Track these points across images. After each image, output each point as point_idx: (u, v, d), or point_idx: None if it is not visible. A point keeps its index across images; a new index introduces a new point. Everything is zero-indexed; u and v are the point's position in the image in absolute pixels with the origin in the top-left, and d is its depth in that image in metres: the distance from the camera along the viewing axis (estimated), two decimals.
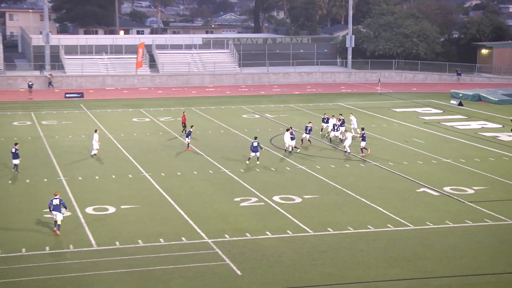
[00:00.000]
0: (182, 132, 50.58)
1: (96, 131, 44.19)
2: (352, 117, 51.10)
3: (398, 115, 61.44)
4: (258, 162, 41.11)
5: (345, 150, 44.41)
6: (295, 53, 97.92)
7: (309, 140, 46.93)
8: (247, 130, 52.87)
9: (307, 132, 46.73)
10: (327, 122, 50.09)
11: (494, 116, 59.71)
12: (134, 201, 33.80)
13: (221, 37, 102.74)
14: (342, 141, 47.58)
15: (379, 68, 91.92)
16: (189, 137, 45.67)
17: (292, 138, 44.20)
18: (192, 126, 47.37)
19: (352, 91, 79.53)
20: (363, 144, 43.89)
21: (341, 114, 51.72)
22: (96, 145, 43.14)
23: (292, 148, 44.25)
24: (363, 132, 44.18)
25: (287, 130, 44.59)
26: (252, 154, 41.24)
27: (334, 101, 70.02)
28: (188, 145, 45.70)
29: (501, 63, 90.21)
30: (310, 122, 47.55)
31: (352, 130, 49.27)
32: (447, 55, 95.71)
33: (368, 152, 44.05)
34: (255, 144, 41.30)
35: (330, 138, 48.05)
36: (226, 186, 36.74)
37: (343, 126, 49.22)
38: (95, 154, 43.17)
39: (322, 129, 50.92)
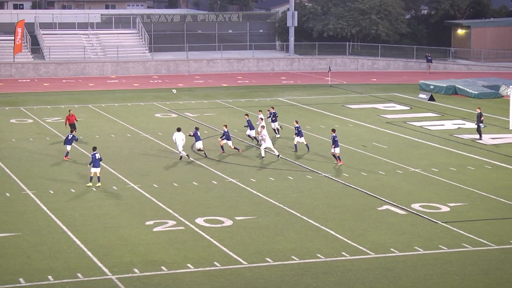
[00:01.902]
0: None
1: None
2: (262, 115, 52.21)
3: (354, 113, 62.30)
4: (99, 184, 40.06)
5: (261, 155, 45.57)
6: (222, 34, 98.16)
7: (235, 147, 47.29)
8: (162, 134, 52.74)
9: (224, 137, 47.07)
10: (275, 120, 51.73)
11: (474, 114, 61.12)
12: (13, 227, 33.29)
13: (125, 14, 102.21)
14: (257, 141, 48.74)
15: (329, 53, 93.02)
16: (70, 145, 45.49)
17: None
18: (73, 131, 47.14)
19: (296, 83, 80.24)
20: (336, 150, 44.62)
21: (272, 108, 53.18)
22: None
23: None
24: (334, 135, 44.58)
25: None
26: (93, 170, 39.90)
27: (273, 96, 70.51)
28: (67, 154, 45.45)
29: (481, 47, 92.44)
30: (225, 126, 47.80)
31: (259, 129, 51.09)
32: (414, 36, 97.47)
33: (340, 164, 44.57)
34: (98, 156, 39.93)
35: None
36: (135, 207, 36.58)
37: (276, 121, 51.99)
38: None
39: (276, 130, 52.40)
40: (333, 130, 45.22)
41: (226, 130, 47.21)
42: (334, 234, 32.82)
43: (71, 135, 45.92)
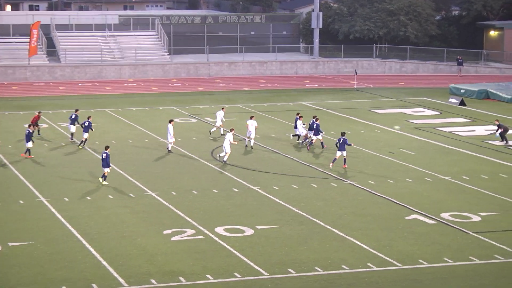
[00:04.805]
0: (37, 134, 52.17)
1: (171, 121, 49.55)
2: (221, 112, 54.82)
3: (381, 118, 62.16)
4: (101, 181, 41.51)
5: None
6: (244, 36, 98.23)
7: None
8: (181, 139, 52.79)
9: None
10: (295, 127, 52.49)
11: (507, 119, 60.80)
12: (26, 236, 33.44)
13: (144, 15, 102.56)
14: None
15: (355, 55, 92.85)
16: (30, 142, 47.46)
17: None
18: (31, 127, 48.64)
19: (320, 87, 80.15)
20: (337, 153, 44.78)
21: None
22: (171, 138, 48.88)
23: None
24: (343, 137, 44.80)
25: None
26: (104, 170, 41.53)
27: (297, 100, 70.45)
28: (27, 151, 47.56)
29: None
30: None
31: (214, 128, 53.76)
32: (444, 38, 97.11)
33: (331, 166, 44.83)
34: (103, 156, 41.50)
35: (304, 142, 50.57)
36: (153, 215, 36.64)
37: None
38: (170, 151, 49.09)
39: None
40: (342, 134, 45.69)
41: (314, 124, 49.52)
42: (359, 244, 32.72)
43: (29, 131, 47.65)
